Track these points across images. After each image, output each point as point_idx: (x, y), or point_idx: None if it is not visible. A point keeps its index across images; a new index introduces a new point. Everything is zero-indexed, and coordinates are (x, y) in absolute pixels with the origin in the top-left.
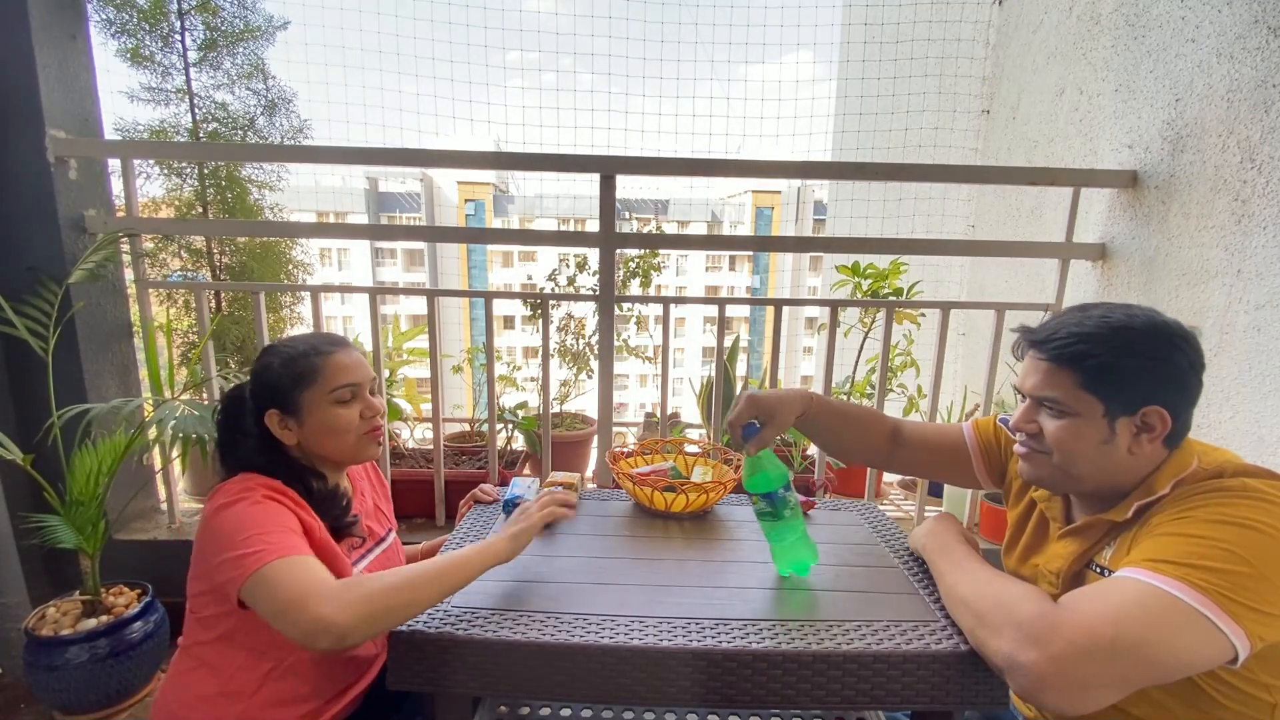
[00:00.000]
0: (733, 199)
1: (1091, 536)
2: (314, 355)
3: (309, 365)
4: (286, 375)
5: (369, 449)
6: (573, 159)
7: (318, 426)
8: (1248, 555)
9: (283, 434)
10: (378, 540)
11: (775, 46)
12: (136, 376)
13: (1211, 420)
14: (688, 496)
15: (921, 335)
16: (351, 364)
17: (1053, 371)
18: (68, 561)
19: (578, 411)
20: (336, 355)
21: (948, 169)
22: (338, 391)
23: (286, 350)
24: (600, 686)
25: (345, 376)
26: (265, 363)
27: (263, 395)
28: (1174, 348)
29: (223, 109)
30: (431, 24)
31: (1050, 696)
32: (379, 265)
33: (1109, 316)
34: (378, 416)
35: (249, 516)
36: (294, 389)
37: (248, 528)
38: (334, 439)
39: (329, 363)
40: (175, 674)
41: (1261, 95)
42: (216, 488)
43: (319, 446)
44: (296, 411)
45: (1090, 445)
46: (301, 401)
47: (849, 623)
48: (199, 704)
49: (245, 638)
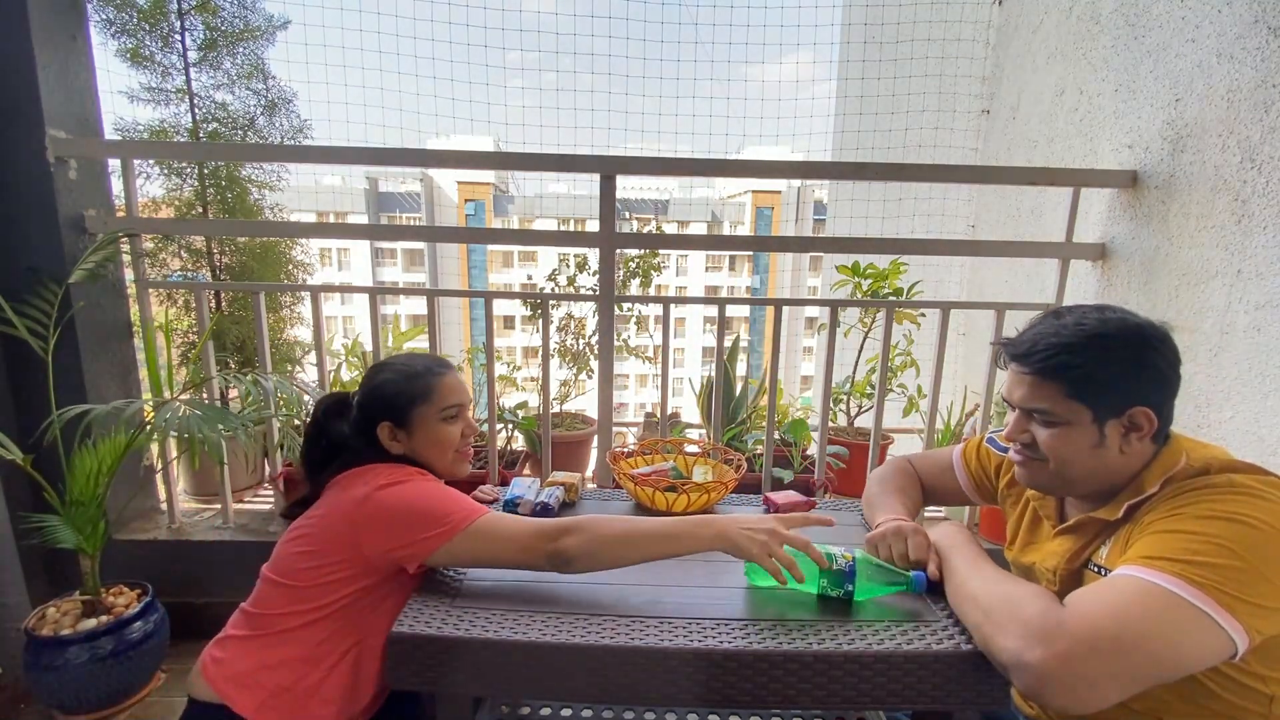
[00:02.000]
0: (733, 199)
1: (1085, 535)
2: (430, 375)
3: (425, 384)
4: (405, 391)
5: (461, 466)
6: (573, 159)
7: (426, 440)
8: (1240, 550)
9: (391, 445)
10: None
11: (775, 46)
12: (136, 376)
13: (1212, 420)
14: (688, 496)
15: (921, 335)
16: (458, 385)
17: (1038, 384)
18: (68, 561)
19: (578, 411)
20: (448, 377)
21: (948, 169)
22: (448, 410)
23: (404, 368)
24: (600, 686)
25: (455, 397)
26: (384, 378)
27: (377, 407)
28: (1150, 348)
29: (223, 109)
30: (431, 24)
31: (1055, 694)
32: (379, 265)
33: (1084, 323)
34: (474, 436)
35: (428, 490)
36: (409, 404)
37: (431, 498)
38: (438, 452)
39: (442, 383)
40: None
41: (1261, 95)
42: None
43: (423, 459)
44: (408, 424)
45: (1083, 450)
46: (414, 416)
47: (849, 623)
48: (281, 667)
49: (344, 615)
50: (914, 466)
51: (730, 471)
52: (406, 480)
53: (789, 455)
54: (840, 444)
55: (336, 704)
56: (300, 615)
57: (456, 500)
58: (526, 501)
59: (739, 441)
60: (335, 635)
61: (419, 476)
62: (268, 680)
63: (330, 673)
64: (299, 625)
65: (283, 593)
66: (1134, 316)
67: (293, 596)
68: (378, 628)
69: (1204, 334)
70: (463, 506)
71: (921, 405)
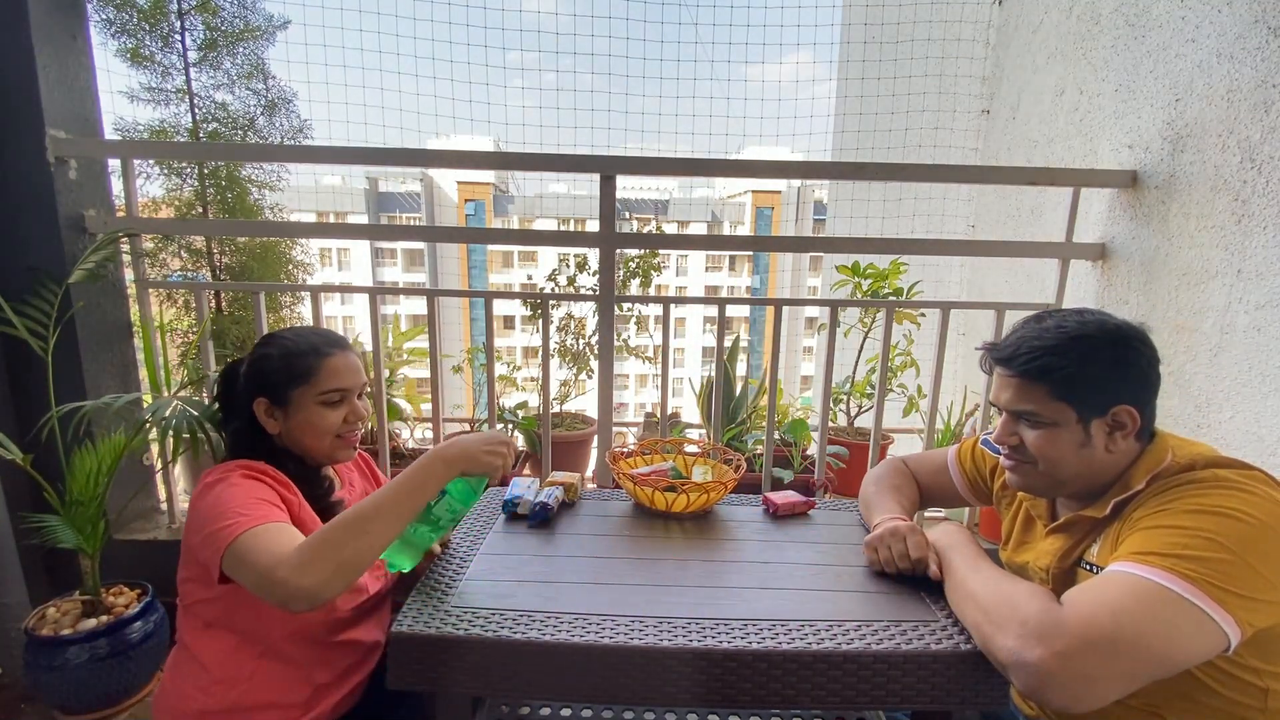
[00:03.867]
0: (733, 199)
1: (1076, 533)
2: (313, 355)
3: (306, 364)
4: (282, 369)
5: (342, 452)
6: (573, 159)
7: (300, 423)
8: (1228, 543)
9: (267, 422)
10: None
11: (775, 46)
12: (136, 376)
13: (1211, 420)
14: (688, 496)
15: (921, 335)
16: (346, 368)
17: (1024, 386)
18: (68, 561)
19: (578, 411)
20: (334, 359)
21: (948, 169)
22: (327, 394)
23: (287, 344)
24: (600, 686)
25: (337, 381)
26: (264, 353)
27: (255, 382)
28: (1130, 348)
29: (223, 109)
30: (431, 24)
31: (1055, 692)
32: (379, 265)
33: (1064, 326)
34: (359, 423)
35: (227, 496)
36: (287, 384)
37: (224, 503)
38: (312, 438)
39: (325, 365)
40: (171, 667)
41: (1261, 95)
42: (200, 477)
43: (297, 442)
44: (284, 404)
45: (1070, 450)
46: (291, 396)
47: (849, 623)
48: (196, 694)
49: (230, 622)
50: (909, 467)
51: (730, 471)
52: (221, 480)
53: (789, 455)
54: (840, 444)
55: (280, 711)
56: (193, 631)
57: (243, 505)
58: (526, 501)
59: (739, 441)
60: (236, 649)
61: (238, 474)
62: (190, 706)
63: (250, 685)
64: (194, 642)
65: (182, 615)
66: (1112, 318)
67: (184, 613)
68: (278, 632)
69: (1204, 334)
70: (244, 513)
71: (921, 405)
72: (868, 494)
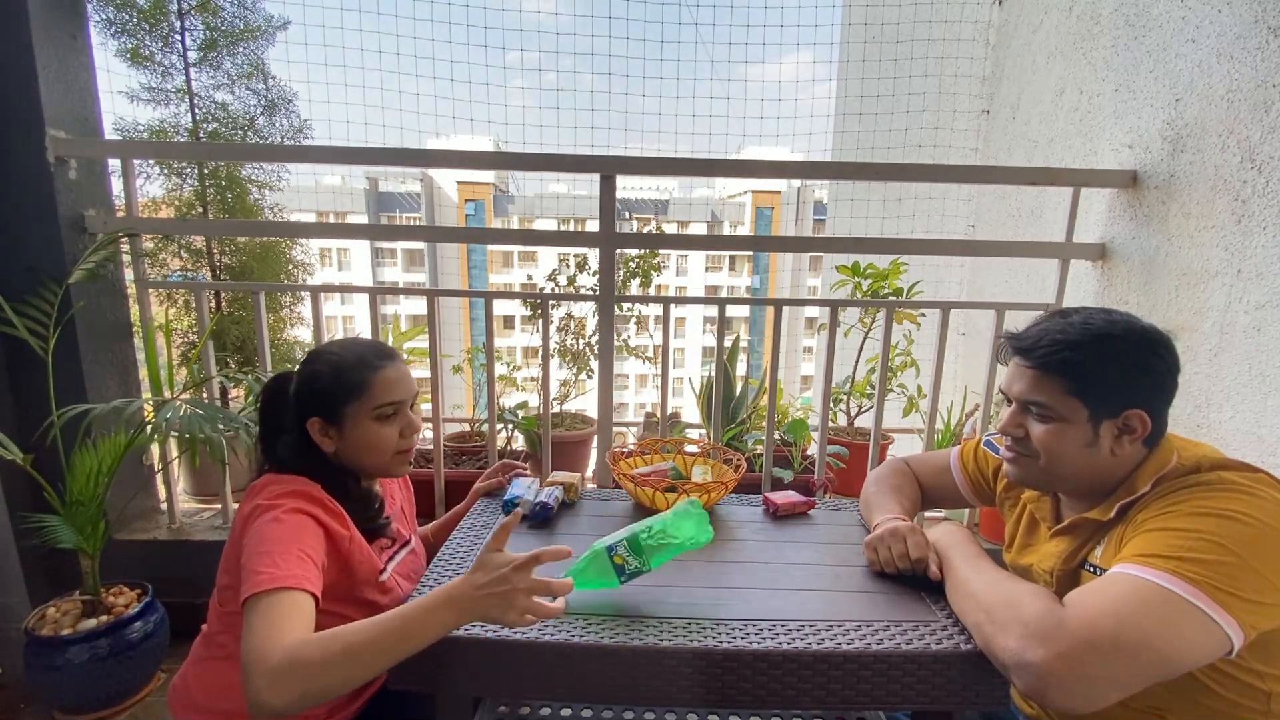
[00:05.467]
0: (733, 199)
1: (1080, 536)
2: (364, 368)
3: (358, 379)
4: (335, 386)
5: (400, 466)
6: (573, 159)
7: (357, 440)
8: (1233, 546)
9: (322, 441)
10: (404, 543)
11: (775, 46)
12: (136, 376)
13: (1211, 420)
14: (688, 496)
15: (921, 335)
16: (398, 380)
17: (1040, 378)
18: (68, 561)
19: (578, 411)
20: (385, 371)
21: (948, 169)
22: (382, 408)
23: (336, 359)
24: (600, 686)
25: (391, 394)
26: (314, 370)
27: (308, 401)
28: (1154, 353)
29: (223, 109)
30: (431, 24)
31: (1056, 694)
32: (379, 265)
33: (1090, 323)
34: (416, 435)
35: (274, 533)
36: (340, 401)
37: (268, 543)
38: (371, 455)
39: (378, 378)
40: (197, 660)
41: (1261, 95)
42: (256, 484)
43: (355, 459)
44: (339, 422)
45: (1075, 447)
46: (345, 413)
47: (849, 623)
48: (220, 691)
49: None
50: (911, 468)
51: (730, 471)
52: (271, 508)
53: (789, 455)
54: (840, 444)
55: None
56: (229, 636)
57: (281, 557)
58: (526, 501)
59: (739, 441)
60: None
61: (290, 507)
62: (222, 706)
63: None
64: (235, 647)
65: (217, 614)
66: (1140, 321)
67: (224, 618)
68: None
69: (1204, 334)
70: (277, 568)
71: (921, 405)
72: (868, 494)
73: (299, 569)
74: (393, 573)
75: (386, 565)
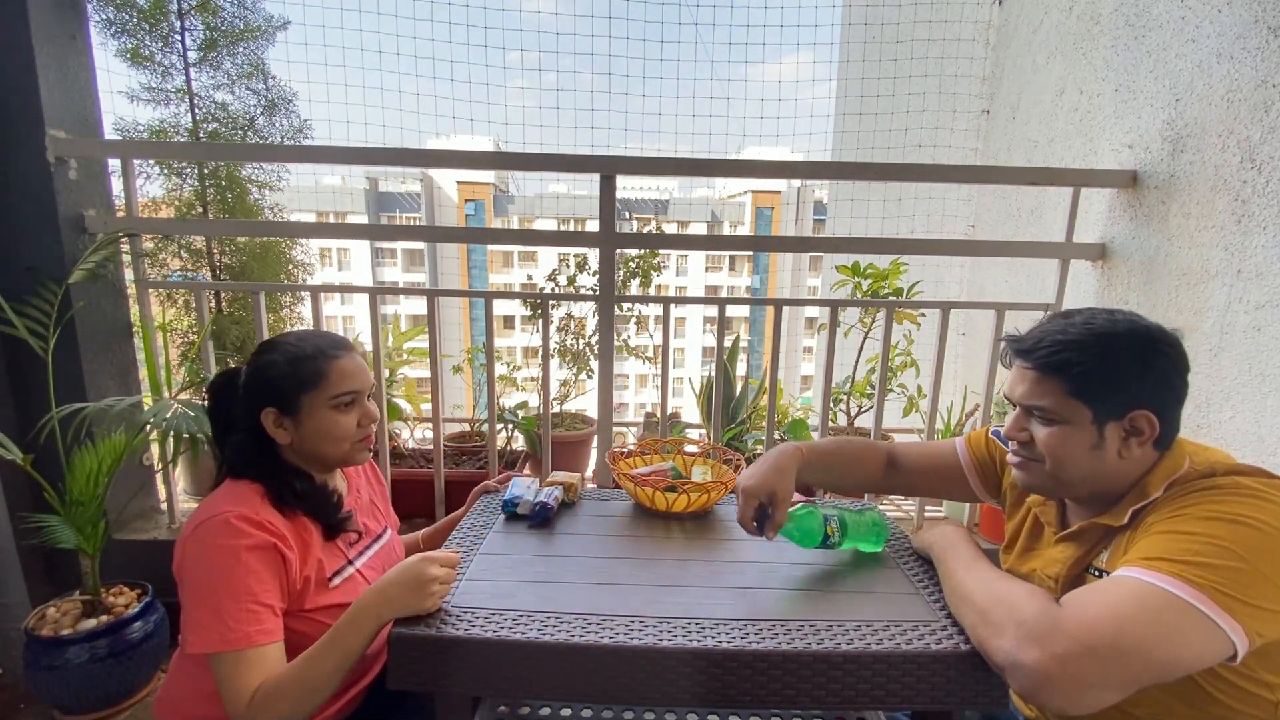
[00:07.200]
0: (733, 199)
1: (1087, 541)
2: (320, 358)
3: (314, 368)
4: (290, 376)
5: (360, 454)
6: (573, 159)
7: (315, 430)
8: (1242, 551)
9: (277, 433)
10: (375, 537)
11: (775, 46)
12: (136, 376)
13: (1211, 420)
14: (688, 496)
15: (921, 335)
16: (354, 370)
17: (1040, 380)
18: (68, 561)
19: (578, 411)
20: (341, 360)
21: (948, 169)
22: (340, 397)
23: (292, 349)
24: (600, 686)
25: (348, 383)
26: (268, 359)
27: (261, 392)
28: (1157, 352)
29: (223, 109)
30: (431, 24)
31: (1051, 696)
32: (379, 265)
33: (1092, 323)
34: (373, 424)
35: (222, 578)
36: (296, 390)
37: (218, 593)
38: (329, 444)
39: (334, 367)
40: (177, 670)
41: (1261, 95)
42: (205, 502)
43: (313, 449)
44: (295, 413)
45: (1080, 451)
46: (301, 404)
47: (849, 623)
48: (202, 700)
49: None
50: (894, 451)
51: (730, 471)
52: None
53: None
54: None
55: None
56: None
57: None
58: (526, 501)
59: (739, 441)
60: None
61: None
62: (191, 711)
63: None
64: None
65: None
66: (1144, 320)
67: None
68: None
69: (1204, 334)
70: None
71: (921, 405)
72: None
73: (254, 624)
74: (362, 568)
75: (354, 560)
